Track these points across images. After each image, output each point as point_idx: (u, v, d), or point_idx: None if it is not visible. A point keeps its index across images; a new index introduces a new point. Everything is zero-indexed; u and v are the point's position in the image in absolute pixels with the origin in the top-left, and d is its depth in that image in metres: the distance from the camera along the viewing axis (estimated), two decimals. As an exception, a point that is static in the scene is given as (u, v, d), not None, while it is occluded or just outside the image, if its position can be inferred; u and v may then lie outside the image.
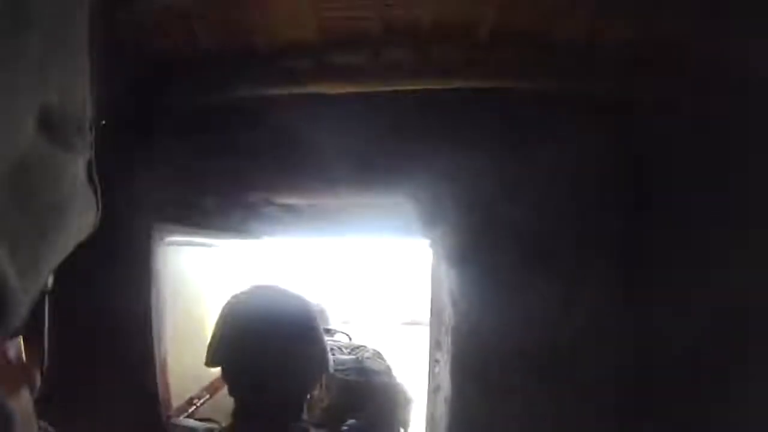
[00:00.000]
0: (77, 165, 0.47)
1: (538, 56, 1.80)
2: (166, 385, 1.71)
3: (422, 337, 2.65)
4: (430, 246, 2.35)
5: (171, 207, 1.98)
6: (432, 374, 2.40)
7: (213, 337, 1.26)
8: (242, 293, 1.32)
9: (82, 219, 0.48)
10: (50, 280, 0.47)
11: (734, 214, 1.61)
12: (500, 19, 1.65)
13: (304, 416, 1.31)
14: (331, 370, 1.38)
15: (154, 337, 1.70)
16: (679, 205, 1.85)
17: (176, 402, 1.76)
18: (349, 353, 2.26)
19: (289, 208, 2.49)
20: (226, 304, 1.29)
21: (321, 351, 1.30)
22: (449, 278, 2.17)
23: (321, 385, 1.54)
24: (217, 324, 1.26)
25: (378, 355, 2.28)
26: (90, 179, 0.49)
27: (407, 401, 2.28)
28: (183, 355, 1.69)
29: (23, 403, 0.48)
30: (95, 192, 0.50)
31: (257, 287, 1.36)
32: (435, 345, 2.37)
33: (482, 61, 1.82)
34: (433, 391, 2.38)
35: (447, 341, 2.21)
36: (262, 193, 2.30)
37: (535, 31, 1.72)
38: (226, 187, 2.22)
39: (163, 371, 1.70)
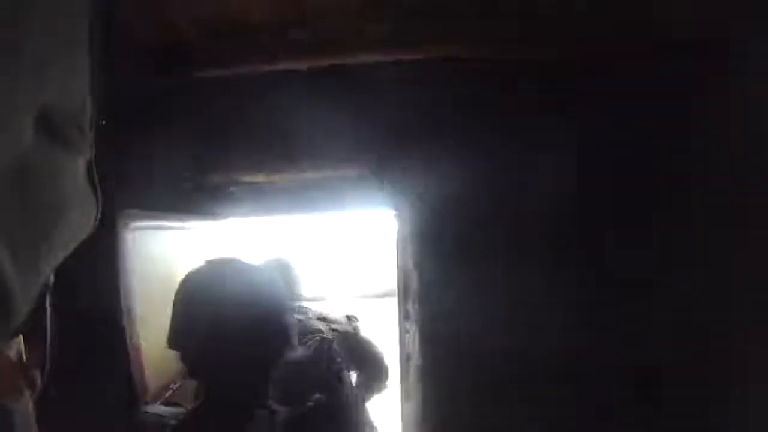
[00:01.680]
0: (77, 165, 0.47)
1: (512, 24, 1.78)
2: (142, 370, 1.74)
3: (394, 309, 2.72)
4: (396, 218, 2.39)
5: (135, 192, 1.98)
6: (403, 344, 2.46)
7: (170, 318, 1.18)
8: (197, 269, 1.22)
9: (82, 218, 0.48)
10: (51, 279, 0.48)
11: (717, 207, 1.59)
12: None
13: (270, 396, 1.24)
14: (296, 349, 1.33)
15: (125, 323, 1.71)
16: (659, 188, 1.84)
17: (154, 387, 1.79)
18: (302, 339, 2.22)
19: (253, 188, 2.48)
20: (181, 283, 1.20)
21: (284, 329, 1.22)
22: (414, 249, 2.23)
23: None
24: (173, 304, 1.18)
25: (327, 345, 2.18)
26: (90, 179, 0.49)
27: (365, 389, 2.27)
28: (158, 339, 1.72)
29: (23, 402, 0.49)
30: (95, 191, 0.49)
31: (213, 262, 1.26)
32: (404, 315, 2.43)
33: (451, 30, 1.80)
34: (405, 360, 2.45)
35: (415, 311, 2.27)
36: (225, 174, 2.29)
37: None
38: (189, 169, 2.21)
39: (137, 357, 1.72)
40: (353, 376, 2.26)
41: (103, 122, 0.49)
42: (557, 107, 1.99)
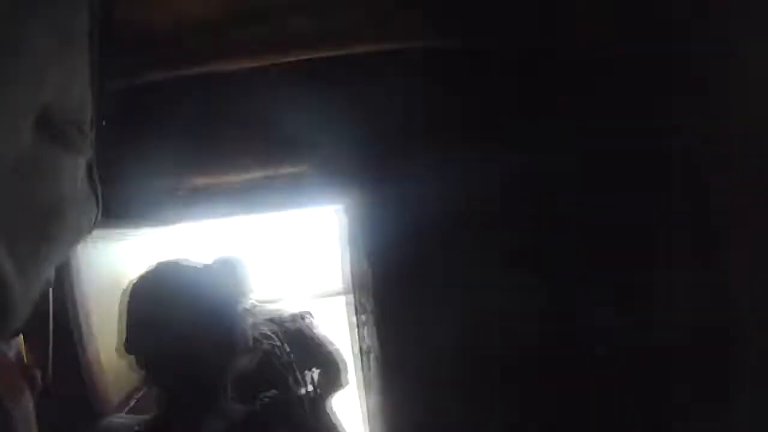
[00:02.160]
0: (78, 164, 0.45)
1: (444, 15, 1.74)
2: (102, 381, 1.73)
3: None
4: (344, 212, 2.38)
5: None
6: (360, 336, 2.44)
7: (123, 324, 1.17)
8: (144, 273, 1.22)
9: (82, 218, 0.47)
10: (51, 279, 0.47)
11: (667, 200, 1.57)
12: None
13: (228, 397, 1.24)
14: (249, 344, 1.36)
15: (81, 334, 1.69)
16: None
17: (116, 397, 1.78)
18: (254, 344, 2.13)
19: (200, 191, 2.34)
20: (130, 287, 1.19)
21: (235, 325, 1.22)
22: (366, 244, 2.20)
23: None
24: (124, 309, 1.17)
25: (278, 350, 2.14)
26: (90, 179, 0.48)
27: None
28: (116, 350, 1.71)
29: (24, 402, 0.52)
30: (95, 192, 0.49)
31: (159, 264, 1.25)
32: (359, 308, 2.42)
33: (386, 23, 1.76)
34: (362, 352, 2.43)
35: (369, 303, 2.26)
36: (169, 178, 2.19)
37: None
38: (131, 175, 2.16)
39: (97, 369, 1.71)
40: (312, 375, 2.22)
41: (104, 122, 0.50)
42: (536, 106, 1.93)
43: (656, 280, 1.60)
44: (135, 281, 1.20)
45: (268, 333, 2.03)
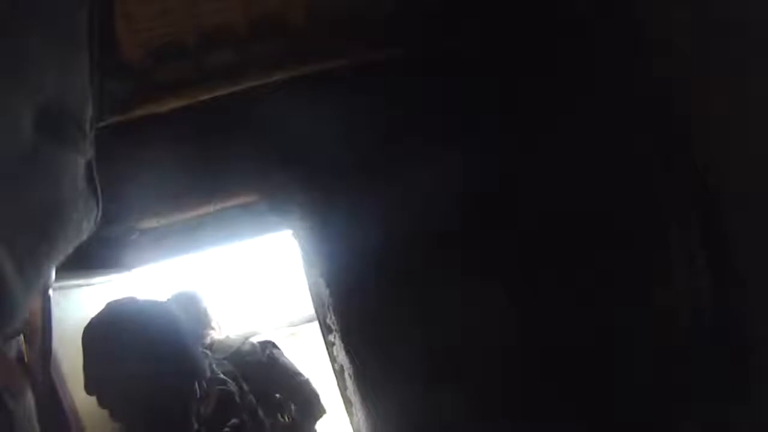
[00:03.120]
0: (78, 164, 0.47)
1: (355, 33, 1.82)
2: (80, 429, 1.71)
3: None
4: (293, 237, 2.44)
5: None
6: (332, 357, 2.51)
7: (83, 364, 1.22)
8: (98, 314, 1.27)
9: (82, 218, 0.48)
10: (52, 279, 0.50)
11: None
12: (311, 4, 1.69)
13: (192, 429, 1.28)
14: (207, 374, 1.36)
15: (54, 385, 1.67)
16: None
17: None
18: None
19: (150, 233, 2.43)
20: (85, 328, 1.24)
21: (187, 357, 1.27)
22: (318, 263, 2.28)
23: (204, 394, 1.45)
24: (83, 350, 1.22)
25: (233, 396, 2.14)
26: (90, 179, 0.49)
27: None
28: (88, 401, 1.70)
29: (24, 402, 0.51)
30: (95, 192, 0.50)
31: (111, 303, 1.30)
32: (326, 329, 2.48)
33: (302, 48, 1.83)
34: (338, 372, 2.51)
35: (333, 322, 2.32)
36: (118, 223, 2.21)
37: (348, 11, 1.76)
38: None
39: (74, 417, 1.70)
40: (285, 405, 2.22)
41: (103, 122, 0.52)
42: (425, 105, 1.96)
43: (656, 280, 1.62)
44: (89, 321, 1.25)
45: (222, 377, 1.92)
